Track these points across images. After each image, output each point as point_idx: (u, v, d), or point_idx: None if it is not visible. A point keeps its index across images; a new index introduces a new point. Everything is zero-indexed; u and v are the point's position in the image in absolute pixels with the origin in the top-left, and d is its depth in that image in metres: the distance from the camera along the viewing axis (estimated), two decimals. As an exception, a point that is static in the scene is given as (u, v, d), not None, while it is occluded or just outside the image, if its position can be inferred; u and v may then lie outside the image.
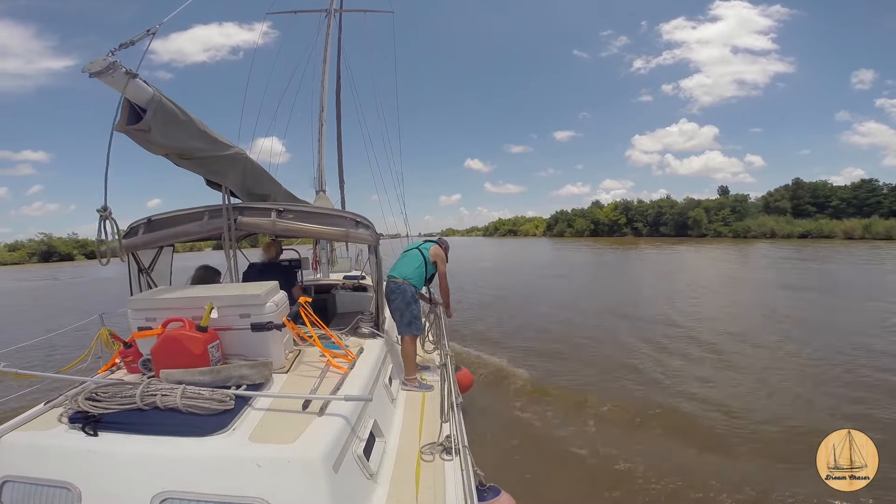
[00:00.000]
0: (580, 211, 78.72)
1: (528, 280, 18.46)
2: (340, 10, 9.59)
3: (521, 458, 4.13)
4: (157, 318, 2.21)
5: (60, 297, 19.18)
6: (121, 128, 2.31)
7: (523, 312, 11.20)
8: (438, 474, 2.03)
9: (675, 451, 4.26)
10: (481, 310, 11.50)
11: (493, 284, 16.95)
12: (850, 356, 6.67)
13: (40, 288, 25.29)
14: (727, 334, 8.29)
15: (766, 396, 5.45)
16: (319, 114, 8.42)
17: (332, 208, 4.84)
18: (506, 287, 16.30)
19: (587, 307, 11.67)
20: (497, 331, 9.28)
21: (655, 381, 6.03)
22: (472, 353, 7.24)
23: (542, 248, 46.41)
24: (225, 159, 2.99)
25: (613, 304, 11.68)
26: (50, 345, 2.73)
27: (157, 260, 3.31)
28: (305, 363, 2.47)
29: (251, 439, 1.65)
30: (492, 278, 19.29)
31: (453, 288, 4.01)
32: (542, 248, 47.81)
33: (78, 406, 1.74)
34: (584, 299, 13.00)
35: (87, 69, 2.05)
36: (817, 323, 9.17)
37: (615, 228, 68.30)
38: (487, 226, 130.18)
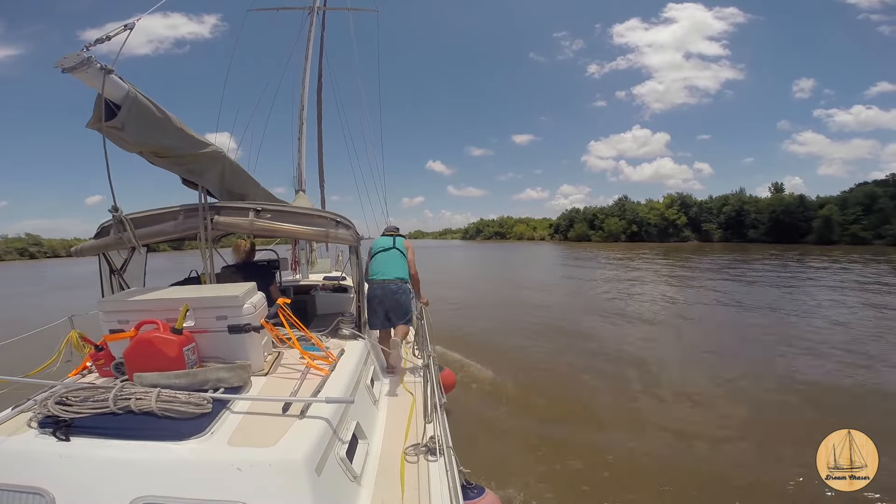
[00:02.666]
0: (609, 209, 59.66)
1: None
2: (324, 8, 9.67)
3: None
4: (130, 321, 2.23)
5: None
6: (93, 125, 2.34)
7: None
8: (423, 475, 2.06)
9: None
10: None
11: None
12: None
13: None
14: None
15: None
16: (300, 112, 8.46)
17: (311, 208, 4.89)
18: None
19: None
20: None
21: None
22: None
23: (572, 265, 30.43)
24: (203, 157, 3.01)
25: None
26: (15, 348, 2.71)
27: (130, 260, 3.32)
28: (285, 366, 2.50)
29: (230, 443, 1.67)
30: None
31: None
32: (574, 264, 31.43)
33: (48, 410, 1.74)
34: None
35: (60, 65, 2.08)
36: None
37: (669, 231, 51.66)
38: (468, 227, 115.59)
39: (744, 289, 16.67)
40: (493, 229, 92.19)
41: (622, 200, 59.90)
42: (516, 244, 66.65)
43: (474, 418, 5.12)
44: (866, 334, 9.05)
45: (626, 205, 57.89)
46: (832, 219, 42.67)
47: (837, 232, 42.26)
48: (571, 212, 67.85)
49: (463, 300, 14.20)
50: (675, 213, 51.70)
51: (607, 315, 11.73)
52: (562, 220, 69.32)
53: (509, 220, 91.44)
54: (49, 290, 21.88)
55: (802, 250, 35.91)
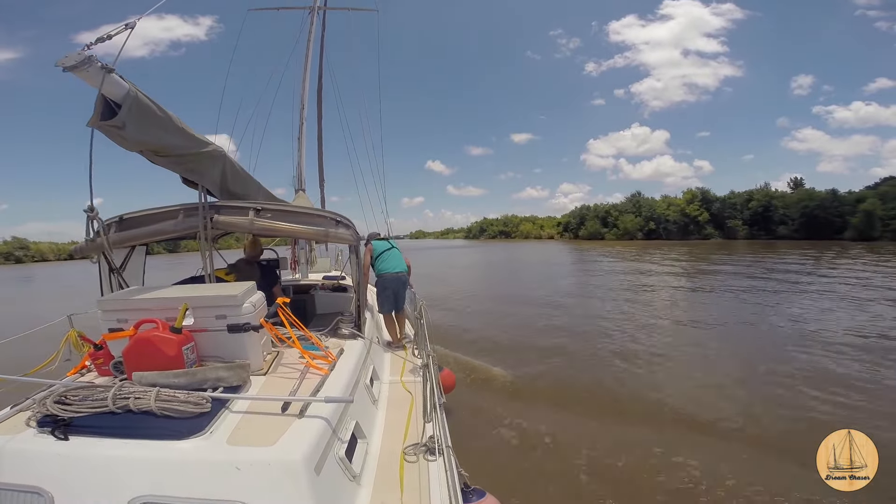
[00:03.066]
0: (622, 205, 55.74)
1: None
2: (324, 8, 9.69)
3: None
4: (130, 320, 2.24)
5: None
6: (94, 123, 2.34)
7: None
8: (423, 475, 2.07)
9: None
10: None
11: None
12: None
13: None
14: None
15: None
16: (300, 112, 8.47)
17: (311, 207, 4.90)
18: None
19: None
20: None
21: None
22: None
23: (589, 265, 27.51)
24: (203, 157, 3.02)
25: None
26: (14, 347, 2.72)
27: (130, 260, 3.32)
28: (284, 365, 2.51)
29: (229, 442, 1.68)
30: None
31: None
32: (592, 264, 28.26)
33: (46, 409, 1.75)
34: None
35: (62, 64, 2.10)
36: None
37: (690, 228, 48.12)
38: (470, 226, 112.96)
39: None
40: (497, 228, 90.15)
41: (635, 196, 56.94)
42: (522, 243, 62.08)
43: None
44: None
45: (640, 201, 54.76)
46: (874, 213, 38.53)
47: (879, 227, 38.43)
48: (581, 209, 63.81)
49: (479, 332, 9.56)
50: (696, 209, 47.73)
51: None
52: (571, 218, 65.50)
53: (514, 219, 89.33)
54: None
55: (842, 246, 32.68)
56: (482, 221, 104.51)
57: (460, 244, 79.50)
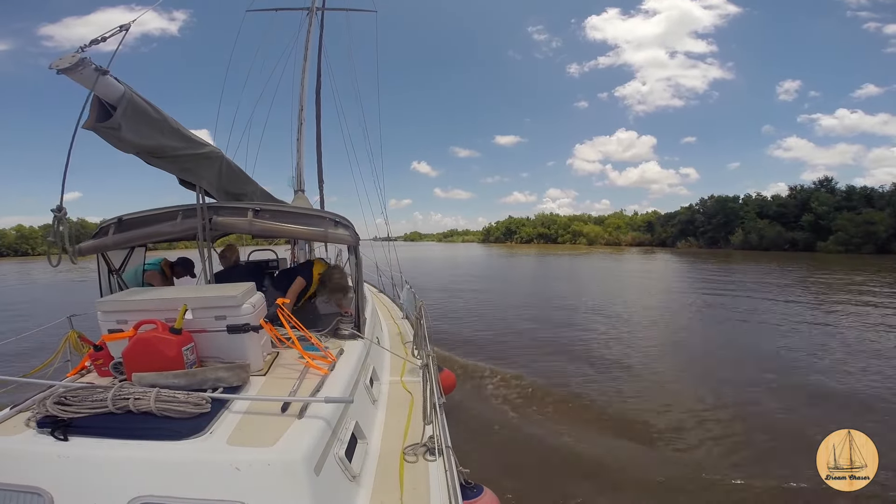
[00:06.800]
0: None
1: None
2: (323, 9, 9.69)
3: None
4: (129, 321, 2.25)
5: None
6: (89, 125, 2.35)
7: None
8: (422, 475, 2.09)
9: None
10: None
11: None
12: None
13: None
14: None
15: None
16: (299, 112, 8.48)
17: (310, 208, 4.90)
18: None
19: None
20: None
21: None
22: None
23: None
24: (200, 158, 3.05)
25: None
26: (13, 348, 2.73)
27: (129, 261, 3.34)
28: (284, 365, 2.52)
29: (229, 442, 1.69)
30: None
31: None
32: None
33: (46, 410, 1.77)
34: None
35: (56, 65, 2.10)
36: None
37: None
38: (488, 227, 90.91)
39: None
40: (530, 230, 66.04)
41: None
42: (593, 253, 46.47)
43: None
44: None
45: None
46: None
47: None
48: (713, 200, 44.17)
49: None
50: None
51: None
52: (684, 212, 47.07)
53: (559, 219, 64.72)
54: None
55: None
56: (507, 221, 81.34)
57: (486, 253, 58.15)
